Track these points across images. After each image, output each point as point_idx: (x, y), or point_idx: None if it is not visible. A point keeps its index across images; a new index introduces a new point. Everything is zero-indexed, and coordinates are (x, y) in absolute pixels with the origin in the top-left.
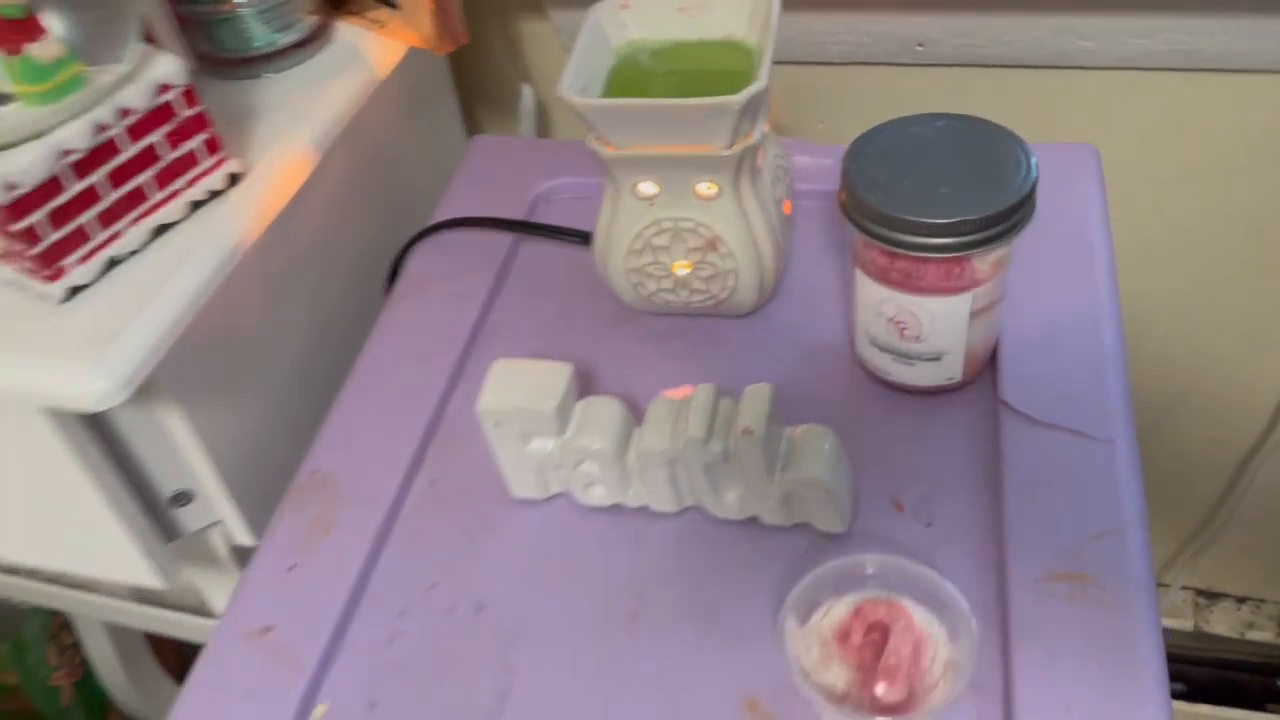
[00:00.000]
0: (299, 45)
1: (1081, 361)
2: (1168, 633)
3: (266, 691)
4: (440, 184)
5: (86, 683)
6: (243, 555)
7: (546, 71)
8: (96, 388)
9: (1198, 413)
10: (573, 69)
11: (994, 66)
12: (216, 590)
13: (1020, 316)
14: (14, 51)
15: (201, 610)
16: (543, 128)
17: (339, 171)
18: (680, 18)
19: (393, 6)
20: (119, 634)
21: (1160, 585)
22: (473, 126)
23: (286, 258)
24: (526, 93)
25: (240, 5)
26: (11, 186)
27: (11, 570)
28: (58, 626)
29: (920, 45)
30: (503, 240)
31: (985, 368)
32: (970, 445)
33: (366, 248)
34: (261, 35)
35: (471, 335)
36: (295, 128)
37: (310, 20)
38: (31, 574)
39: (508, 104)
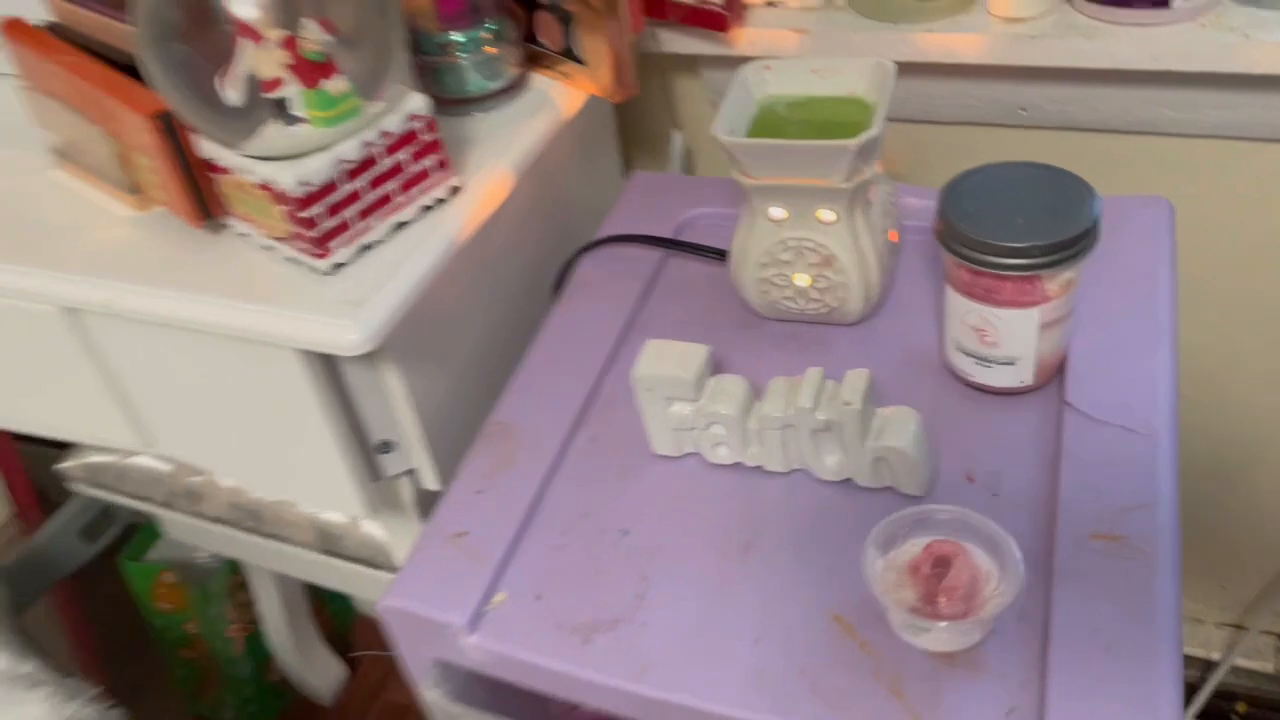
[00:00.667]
0: (503, 91)
1: (1138, 375)
2: (1249, 675)
3: (460, 579)
4: (603, 209)
5: (255, 637)
6: (424, 505)
7: (693, 120)
8: (352, 338)
9: (1277, 463)
10: (724, 115)
11: (1088, 130)
12: (397, 537)
13: (1089, 335)
14: (312, 85)
15: (374, 563)
16: (688, 167)
17: (527, 192)
18: (813, 78)
19: (580, 62)
20: (288, 596)
21: (1240, 628)
22: (629, 164)
23: (484, 256)
24: (676, 138)
25: (461, 58)
26: (304, 184)
27: (217, 519)
28: (236, 584)
29: (1023, 110)
30: (653, 256)
31: (1054, 375)
32: (1036, 436)
33: (543, 254)
34: (475, 82)
35: (625, 329)
36: (498, 156)
37: (513, 71)
38: (233, 523)
39: (660, 147)
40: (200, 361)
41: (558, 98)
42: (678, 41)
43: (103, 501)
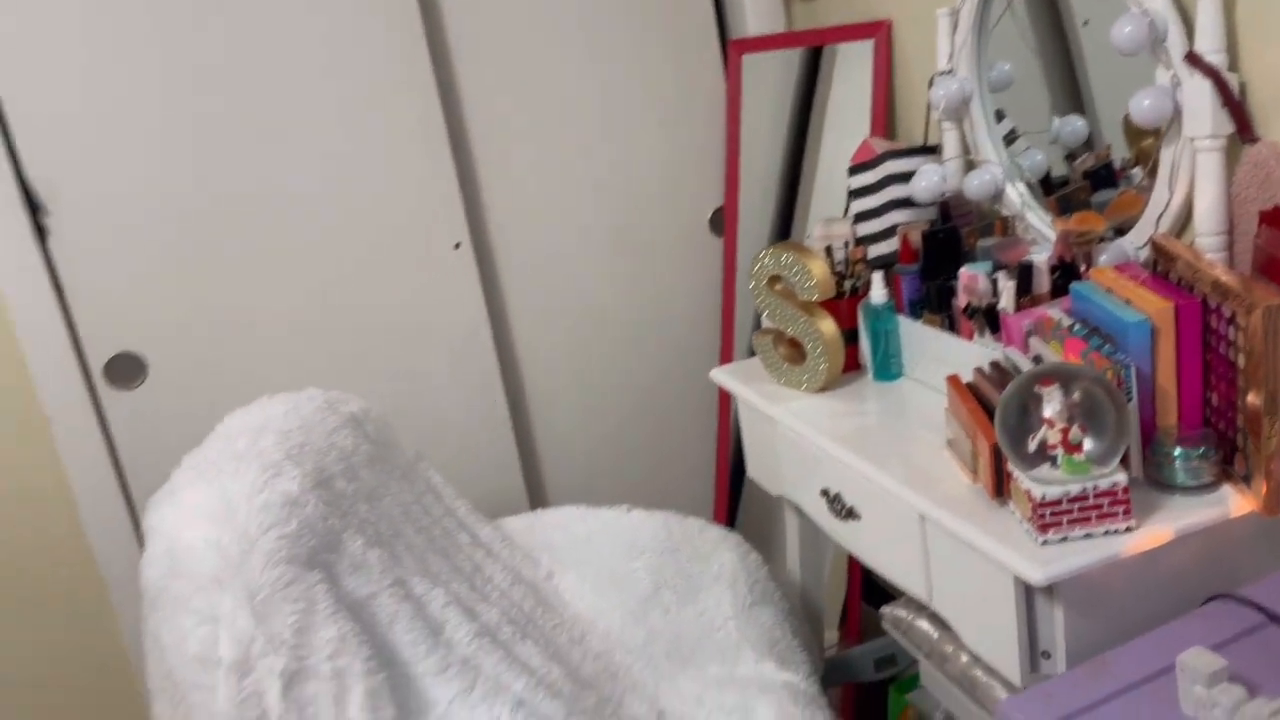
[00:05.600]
0: (1198, 488)
1: None
2: None
3: (1053, 700)
4: (1248, 580)
5: None
6: None
7: None
8: (1036, 577)
9: None
10: None
11: None
12: None
13: None
14: (1070, 454)
15: None
16: None
17: (1192, 549)
18: None
19: (1247, 484)
20: None
21: None
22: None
23: (1143, 568)
24: None
25: (1177, 461)
26: (1045, 497)
27: (953, 679)
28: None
29: None
30: (1259, 617)
31: None
32: None
33: (1185, 590)
34: (1181, 479)
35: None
36: (1170, 522)
37: (1209, 479)
38: (960, 685)
39: None
40: (966, 563)
41: (1230, 502)
42: None
43: (893, 646)
